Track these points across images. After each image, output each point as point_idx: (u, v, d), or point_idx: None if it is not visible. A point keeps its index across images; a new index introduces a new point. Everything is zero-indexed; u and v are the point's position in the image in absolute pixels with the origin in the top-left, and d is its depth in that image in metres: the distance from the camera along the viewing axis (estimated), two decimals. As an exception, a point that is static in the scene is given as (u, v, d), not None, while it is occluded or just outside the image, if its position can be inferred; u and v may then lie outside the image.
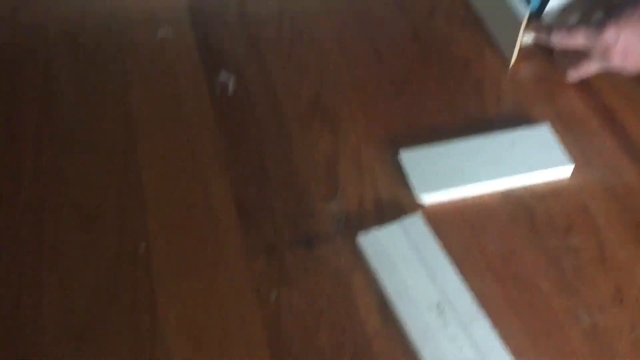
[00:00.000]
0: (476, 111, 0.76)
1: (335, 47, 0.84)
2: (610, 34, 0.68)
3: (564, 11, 0.78)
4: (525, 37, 0.80)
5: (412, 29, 0.86)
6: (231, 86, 0.79)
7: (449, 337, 0.57)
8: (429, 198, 0.67)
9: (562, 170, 0.69)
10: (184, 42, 0.85)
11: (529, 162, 0.69)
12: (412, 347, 0.57)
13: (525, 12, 0.77)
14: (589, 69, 0.73)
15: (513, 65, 0.81)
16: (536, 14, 0.81)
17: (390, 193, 0.69)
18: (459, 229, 0.66)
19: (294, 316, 0.60)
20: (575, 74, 0.74)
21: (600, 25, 0.69)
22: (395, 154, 0.72)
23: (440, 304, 0.59)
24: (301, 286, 0.62)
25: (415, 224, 0.65)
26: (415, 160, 0.69)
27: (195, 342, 0.59)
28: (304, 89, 0.79)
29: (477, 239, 0.65)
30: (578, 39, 0.71)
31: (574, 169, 0.69)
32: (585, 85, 0.78)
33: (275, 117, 0.76)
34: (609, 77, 0.77)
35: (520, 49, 0.81)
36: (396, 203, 0.68)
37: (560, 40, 0.72)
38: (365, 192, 0.69)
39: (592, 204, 0.67)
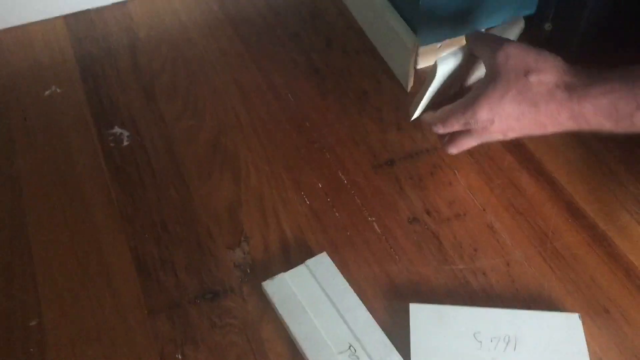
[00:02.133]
0: (377, 142, 0.76)
1: (233, 89, 0.83)
2: (484, 116, 0.59)
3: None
4: (422, 64, 0.81)
5: (310, 63, 0.86)
6: (125, 139, 0.77)
7: (362, 378, 0.55)
8: None
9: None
10: (73, 96, 0.82)
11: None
12: (326, 393, 0.55)
13: (413, 40, 0.78)
14: (469, 143, 0.65)
15: (410, 92, 0.82)
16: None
17: (296, 234, 0.67)
18: (366, 263, 0.64)
19: (201, 376, 0.57)
20: (455, 150, 0.66)
21: (471, 107, 0.60)
22: (298, 192, 0.70)
23: (352, 344, 0.57)
24: (208, 342, 0.59)
25: (321, 263, 0.63)
26: None
27: (96, 417, 0.55)
28: (202, 134, 0.77)
29: (385, 270, 0.64)
30: (454, 126, 0.63)
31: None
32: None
33: (173, 167, 0.74)
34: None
35: (417, 73, 0.82)
36: (303, 243, 0.66)
37: (438, 130, 0.64)
38: (270, 236, 0.67)
39: (496, 223, 0.67)
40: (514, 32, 0.67)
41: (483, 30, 0.74)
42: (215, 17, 0.93)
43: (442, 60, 0.63)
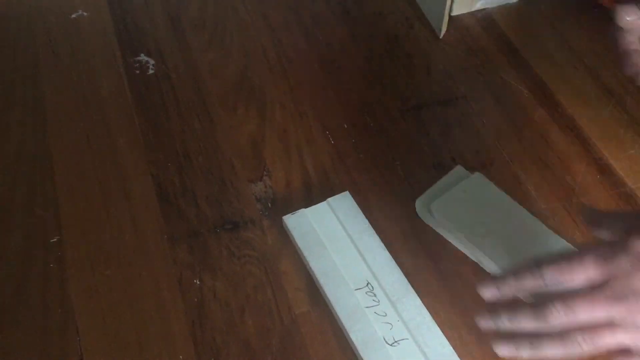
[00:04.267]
0: (407, 87, 0.75)
1: (261, 27, 0.81)
2: None
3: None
4: (456, 10, 0.79)
5: (341, 6, 0.84)
6: (151, 67, 0.76)
7: (378, 314, 0.55)
8: None
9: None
10: (100, 21, 0.81)
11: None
12: (342, 326, 0.55)
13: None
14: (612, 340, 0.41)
15: (443, 38, 0.80)
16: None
17: (319, 173, 0.66)
18: (388, 205, 0.64)
19: (218, 303, 0.57)
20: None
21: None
22: (323, 132, 0.69)
23: (369, 281, 0.57)
24: (226, 271, 0.59)
25: (343, 202, 0.62)
26: None
27: (112, 335, 0.55)
28: (228, 69, 0.76)
29: (407, 213, 0.63)
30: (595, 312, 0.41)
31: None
32: (513, 56, 0.77)
33: (198, 99, 0.73)
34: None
35: (451, 20, 0.80)
36: (325, 183, 0.65)
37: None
38: (293, 173, 0.66)
39: (522, 174, 0.66)
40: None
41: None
42: (246, -49, 0.91)
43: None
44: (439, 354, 0.52)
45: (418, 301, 0.56)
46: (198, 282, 0.58)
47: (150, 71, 0.75)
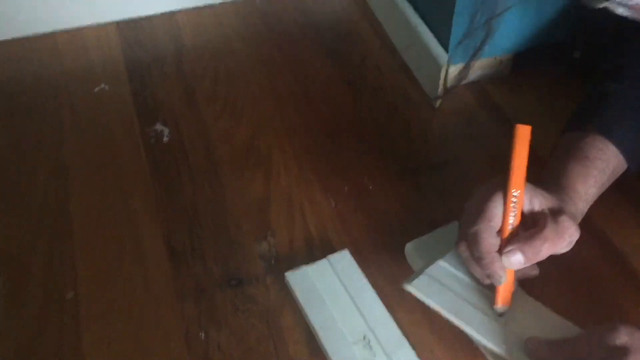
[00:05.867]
0: (405, 152, 0.79)
1: (269, 96, 0.87)
2: None
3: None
4: (451, 82, 0.84)
5: (344, 76, 0.90)
6: (166, 135, 0.81)
7: (374, 367, 0.57)
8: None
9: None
10: (120, 95, 0.87)
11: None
12: (340, 379, 0.57)
13: (444, 58, 0.82)
14: None
15: (439, 108, 0.85)
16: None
17: (320, 233, 0.70)
18: (386, 263, 0.67)
19: (222, 355, 0.60)
20: None
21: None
22: (325, 194, 0.74)
23: (366, 335, 0.59)
24: (230, 325, 0.62)
25: (342, 259, 0.66)
26: None
27: (121, 385, 0.58)
28: (238, 135, 0.82)
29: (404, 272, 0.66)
30: None
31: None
32: (503, 124, 0.82)
33: (209, 164, 0.78)
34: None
35: (446, 92, 0.85)
36: (326, 242, 0.69)
37: None
38: (296, 232, 0.70)
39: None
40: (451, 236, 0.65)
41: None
42: (256, 30, 0.99)
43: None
44: (432, 405, 0.54)
45: (412, 354, 0.58)
46: (203, 336, 0.61)
47: (165, 139, 0.81)
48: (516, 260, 0.55)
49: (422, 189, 0.75)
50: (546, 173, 0.64)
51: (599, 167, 0.62)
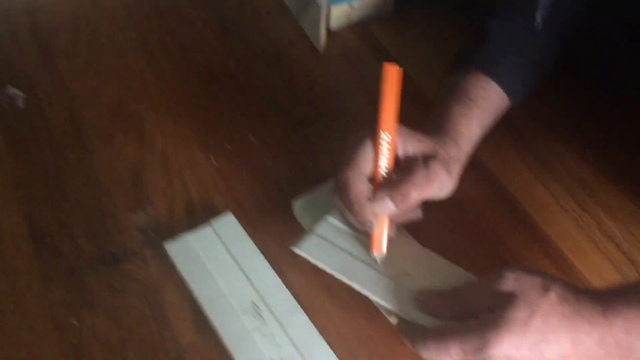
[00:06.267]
0: (289, 103, 0.75)
1: (137, 49, 0.79)
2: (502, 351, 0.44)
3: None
4: (334, 25, 0.80)
5: (220, 23, 0.83)
6: (20, 100, 0.72)
7: (265, 336, 0.54)
8: None
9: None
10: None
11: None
12: (229, 352, 0.53)
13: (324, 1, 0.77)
14: None
15: (324, 54, 0.80)
16: None
17: (202, 197, 0.65)
18: (274, 224, 0.63)
19: (97, 341, 0.54)
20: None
21: (484, 337, 0.45)
22: (206, 154, 0.68)
23: (256, 303, 0.56)
24: (106, 308, 0.56)
25: (226, 224, 0.61)
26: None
27: (-18, 389, 0.51)
28: (104, 95, 0.74)
29: (292, 230, 0.63)
30: (450, 355, 0.46)
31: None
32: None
33: (73, 129, 0.70)
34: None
35: (330, 35, 0.80)
36: (209, 206, 0.64)
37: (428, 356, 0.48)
38: (175, 198, 0.65)
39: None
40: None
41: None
42: (121, -25, 0.89)
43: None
44: (328, 370, 0.52)
45: (305, 318, 0.55)
46: (76, 322, 0.55)
47: (20, 105, 0.72)
48: (385, 206, 0.53)
49: (310, 141, 0.70)
50: (432, 115, 0.62)
51: (482, 106, 0.60)
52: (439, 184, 0.54)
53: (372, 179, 0.55)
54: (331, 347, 0.53)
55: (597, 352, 0.44)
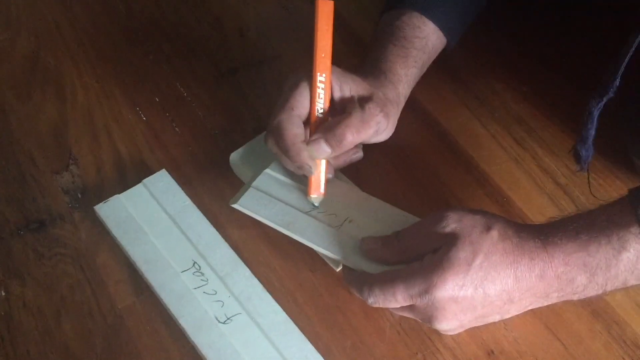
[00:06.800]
0: (219, 51, 0.71)
1: (52, 1, 0.73)
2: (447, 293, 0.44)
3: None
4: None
5: (140, -30, 0.78)
6: None
7: (207, 294, 0.52)
8: None
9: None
10: None
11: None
12: (170, 313, 0.51)
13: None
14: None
15: None
16: None
17: (132, 154, 0.61)
18: (210, 178, 0.60)
19: (29, 311, 0.51)
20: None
21: (429, 279, 0.44)
22: (133, 109, 0.64)
23: (196, 261, 0.54)
24: (35, 276, 0.53)
25: (160, 181, 0.58)
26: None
27: None
28: (17, 49, 0.68)
29: (230, 183, 0.60)
30: (397, 302, 0.46)
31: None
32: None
33: (-16, 88, 0.65)
34: None
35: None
36: (140, 164, 0.61)
37: (375, 304, 0.47)
38: (103, 157, 0.61)
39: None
40: None
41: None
42: None
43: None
44: (273, 322, 0.51)
45: (248, 272, 0.53)
46: (3, 293, 0.52)
47: None
48: (321, 149, 0.52)
49: (243, 90, 0.67)
50: (367, 57, 0.60)
51: (418, 45, 0.59)
52: (376, 126, 0.53)
53: (307, 122, 0.54)
54: (276, 301, 0.52)
55: (538, 285, 0.45)
